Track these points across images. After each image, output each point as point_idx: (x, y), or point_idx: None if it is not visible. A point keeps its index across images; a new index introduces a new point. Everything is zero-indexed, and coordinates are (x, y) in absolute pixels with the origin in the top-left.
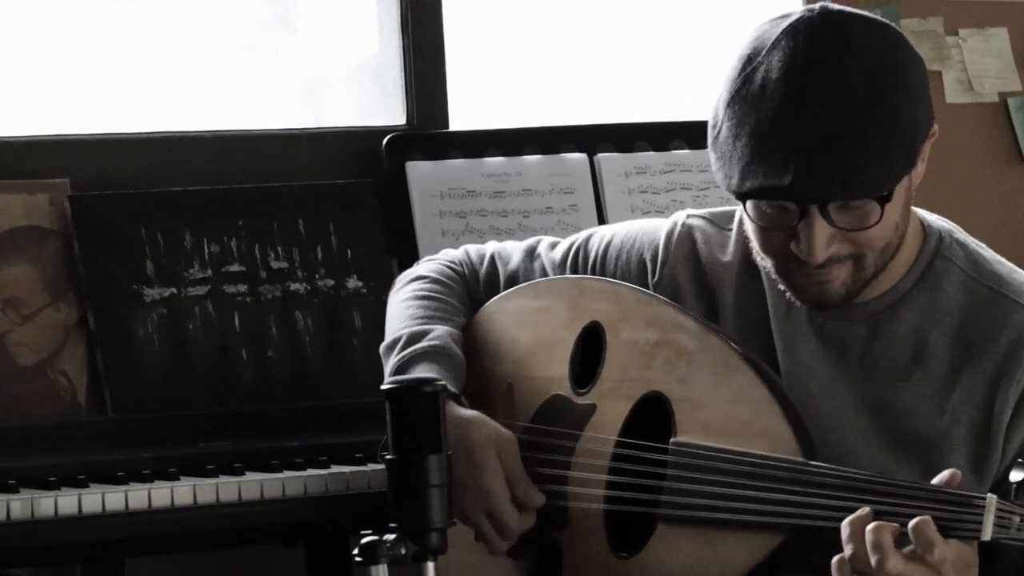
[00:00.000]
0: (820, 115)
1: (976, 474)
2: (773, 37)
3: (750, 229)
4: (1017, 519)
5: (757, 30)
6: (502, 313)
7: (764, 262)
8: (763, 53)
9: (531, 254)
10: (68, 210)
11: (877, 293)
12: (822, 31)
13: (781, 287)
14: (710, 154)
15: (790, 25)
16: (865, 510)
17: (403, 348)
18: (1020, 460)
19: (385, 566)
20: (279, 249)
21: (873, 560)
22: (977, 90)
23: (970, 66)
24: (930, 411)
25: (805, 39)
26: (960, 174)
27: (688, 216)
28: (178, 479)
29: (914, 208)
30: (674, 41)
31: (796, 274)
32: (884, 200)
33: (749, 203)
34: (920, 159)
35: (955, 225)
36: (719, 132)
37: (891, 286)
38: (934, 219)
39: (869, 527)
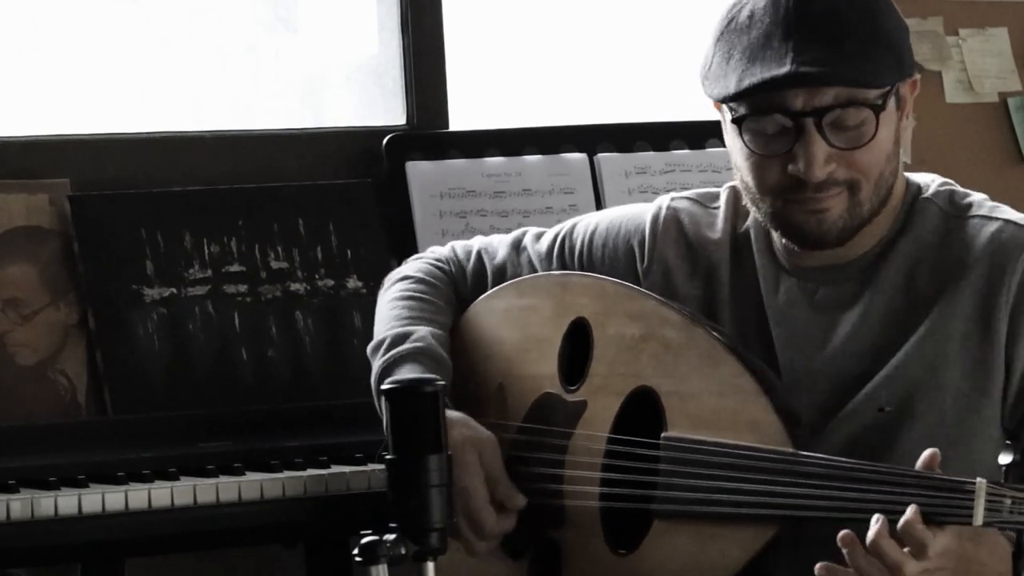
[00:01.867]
0: (811, 26)
1: (981, 395)
2: None
3: (746, 170)
4: (1008, 502)
5: None
6: (489, 313)
7: (760, 207)
8: None
9: (517, 247)
10: (68, 210)
11: (864, 249)
12: None
13: (777, 234)
14: (703, 87)
15: None
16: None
17: (387, 351)
18: (1007, 442)
19: (385, 566)
20: (279, 249)
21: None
22: (977, 90)
23: (970, 66)
24: (928, 347)
25: None
26: (960, 174)
27: (672, 199)
28: (178, 479)
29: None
30: (674, 41)
31: (794, 208)
32: (879, 109)
33: (745, 132)
34: (904, 107)
35: (946, 179)
36: (710, 65)
37: (876, 240)
38: (922, 175)
39: (878, 546)
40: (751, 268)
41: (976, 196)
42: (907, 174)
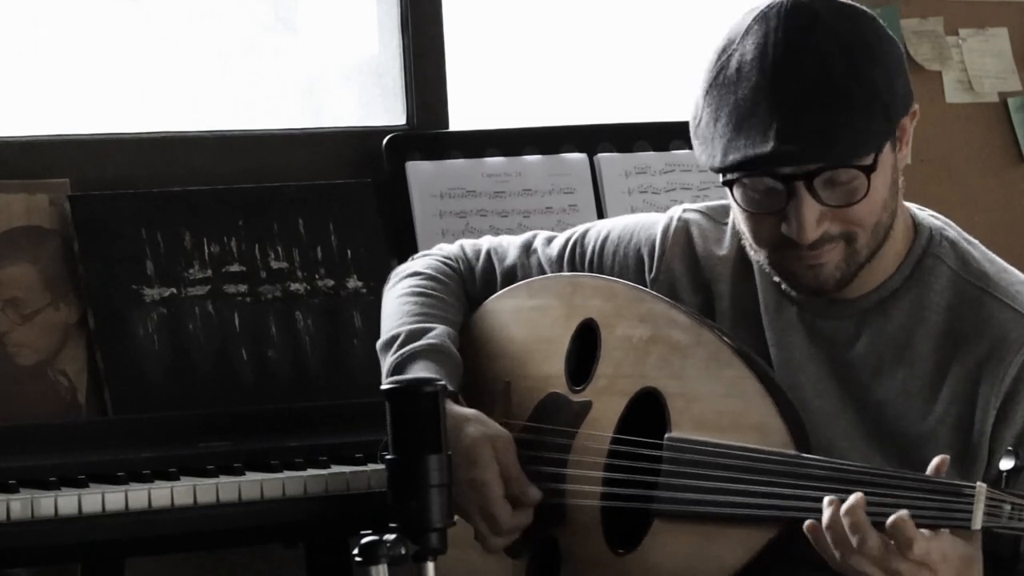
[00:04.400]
0: (796, 87)
1: (962, 475)
2: (745, 26)
3: (741, 221)
4: (1008, 507)
5: (729, 23)
6: (499, 312)
7: (757, 255)
8: (736, 41)
9: (527, 249)
10: (68, 210)
11: (867, 290)
12: (793, 14)
13: (776, 279)
14: (693, 143)
15: (761, 12)
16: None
17: (401, 346)
18: (1009, 448)
19: (385, 566)
20: (279, 249)
21: (854, 541)
22: (977, 90)
23: (970, 66)
24: (915, 410)
25: (776, 22)
26: (960, 174)
27: (684, 210)
28: (178, 479)
29: (906, 203)
30: (674, 41)
31: (790, 261)
32: (869, 170)
33: (736, 189)
34: (903, 139)
35: (947, 221)
36: (700, 121)
37: (880, 283)
38: (925, 216)
39: (842, 512)
40: (753, 289)
41: (989, 264)
42: (911, 208)
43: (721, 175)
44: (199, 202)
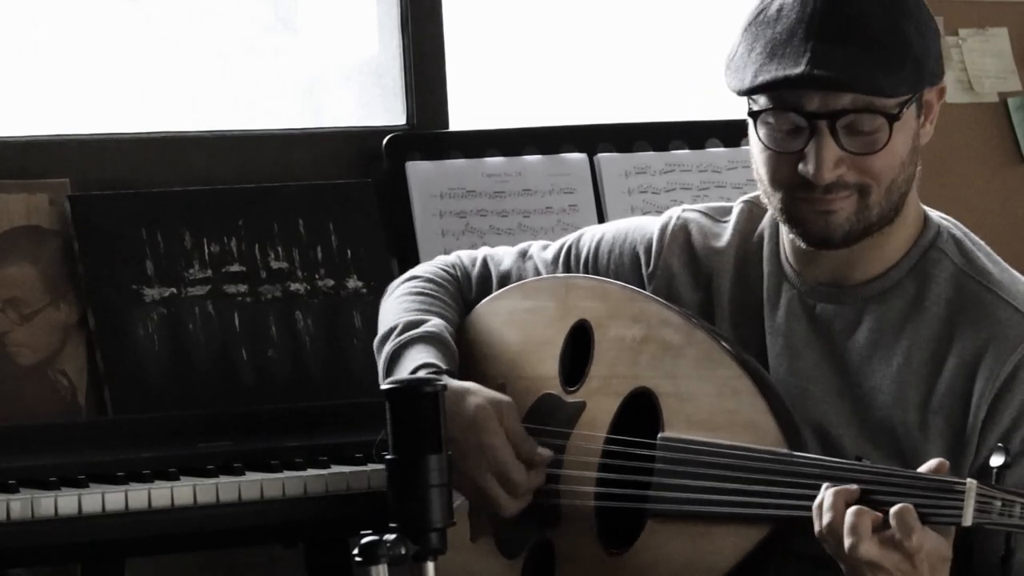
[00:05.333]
0: (834, 29)
1: (951, 467)
2: None
3: (760, 163)
4: (998, 503)
5: None
6: (493, 314)
7: (771, 200)
8: None
9: (523, 255)
10: (68, 210)
11: (870, 275)
12: None
13: (786, 228)
14: (724, 76)
15: None
16: (854, 487)
17: (399, 335)
18: (999, 445)
19: (385, 566)
20: (279, 249)
21: (847, 542)
22: (977, 90)
23: (970, 66)
24: (909, 401)
25: None
26: (960, 174)
27: (684, 210)
28: (178, 479)
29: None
30: (674, 41)
31: (802, 206)
32: (893, 119)
33: (760, 126)
34: (928, 113)
35: (955, 222)
36: (734, 55)
37: (884, 271)
38: (936, 214)
39: (851, 510)
40: (756, 277)
41: (993, 265)
42: (924, 207)
43: (748, 105)
44: (199, 202)
